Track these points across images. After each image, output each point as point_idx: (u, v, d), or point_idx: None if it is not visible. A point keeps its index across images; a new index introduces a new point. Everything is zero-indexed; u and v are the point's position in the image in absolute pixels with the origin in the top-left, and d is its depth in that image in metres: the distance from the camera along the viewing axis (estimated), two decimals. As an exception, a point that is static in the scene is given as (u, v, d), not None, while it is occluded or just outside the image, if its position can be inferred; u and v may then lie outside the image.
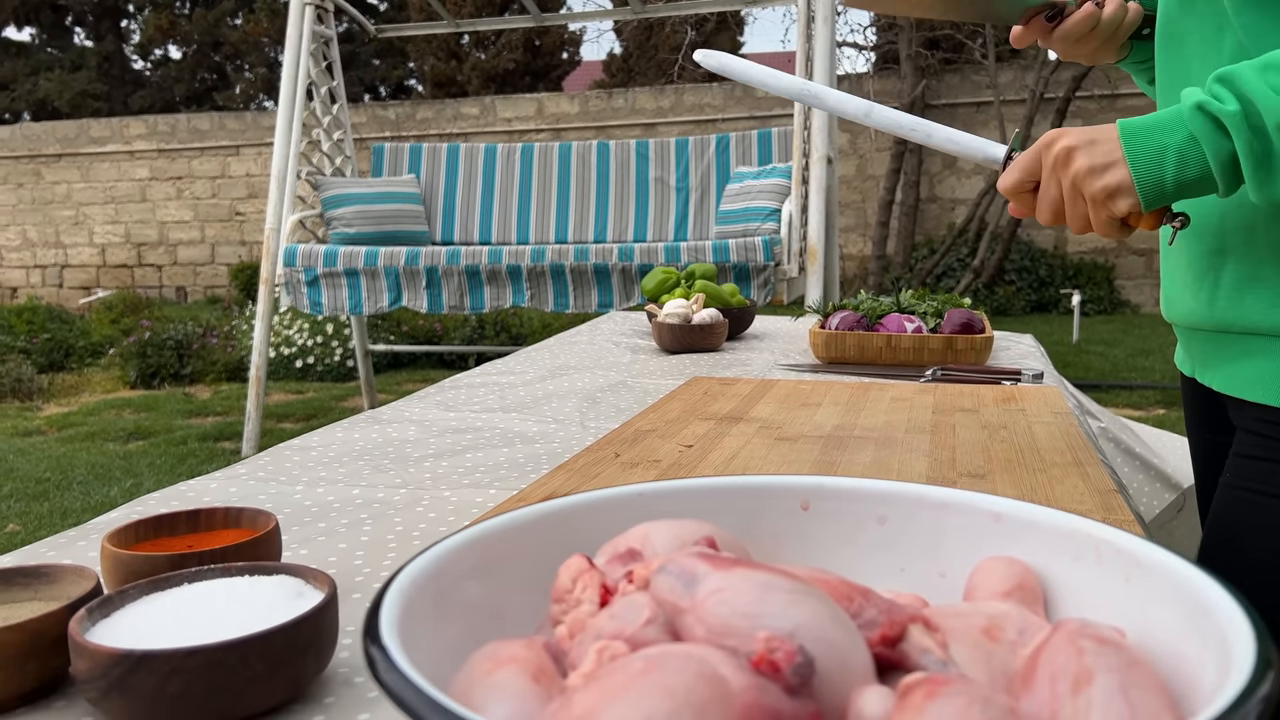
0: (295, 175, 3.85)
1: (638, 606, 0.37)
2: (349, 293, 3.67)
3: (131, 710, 0.45)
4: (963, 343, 1.46)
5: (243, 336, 5.94)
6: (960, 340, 1.46)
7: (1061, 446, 0.91)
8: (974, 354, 1.46)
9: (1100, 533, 0.41)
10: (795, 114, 3.65)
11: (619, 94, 7.53)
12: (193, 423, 4.73)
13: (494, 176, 4.40)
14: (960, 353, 1.46)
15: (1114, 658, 0.33)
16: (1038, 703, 0.33)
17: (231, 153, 8.03)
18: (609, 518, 0.48)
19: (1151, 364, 5.68)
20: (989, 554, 0.46)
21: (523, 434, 1.09)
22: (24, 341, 6.16)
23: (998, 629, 0.39)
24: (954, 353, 1.46)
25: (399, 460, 0.97)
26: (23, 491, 3.55)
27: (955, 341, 1.46)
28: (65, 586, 0.55)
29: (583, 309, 3.56)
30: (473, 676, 0.35)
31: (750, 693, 0.30)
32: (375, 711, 0.48)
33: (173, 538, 0.63)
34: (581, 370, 1.50)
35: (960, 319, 1.50)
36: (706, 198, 4.18)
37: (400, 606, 0.36)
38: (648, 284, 1.89)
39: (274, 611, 0.50)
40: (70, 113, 12.09)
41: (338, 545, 0.73)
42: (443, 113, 7.67)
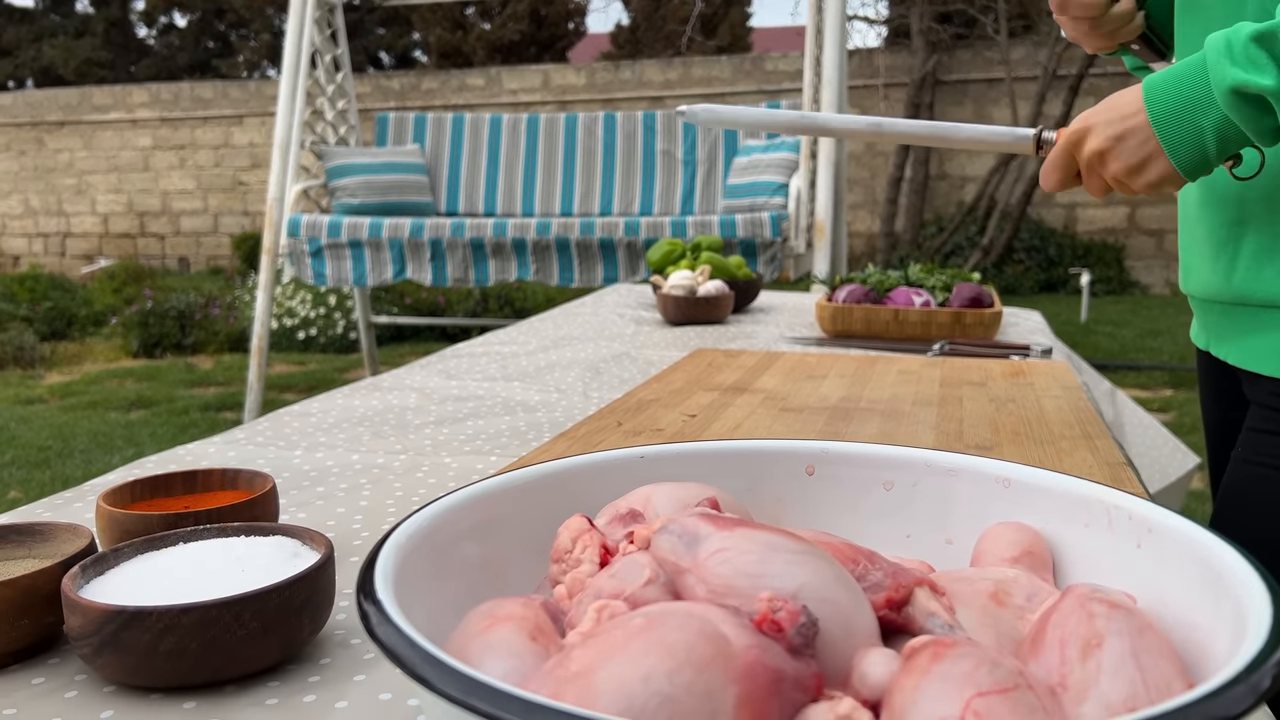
0: (299, 144, 3.83)
1: (638, 566, 0.36)
2: (353, 264, 3.65)
3: (124, 667, 0.45)
4: (971, 317, 1.44)
5: (245, 307, 5.93)
6: (969, 315, 1.44)
7: (1070, 420, 0.90)
8: (982, 328, 1.45)
9: (1112, 498, 0.40)
10: (805, 87, 3.62)
11: (626, 66, 7.47)
12: (194, 393, 4.73)
13: (499, 147, 4.37)
14: (968, 327, 1.45)
15: (1125, 622, 0.32)
16: (1046, 666, 0.32)
17: (235, 122, 7.99)
18: (610, 480, 0.47)
19: (1160, 345, 5.65)
20: (997, 520, 0.45)
21: (525, 402, 1.08)
22: (26, 310, 6.15)
23: (1005, 594, 0.38)
24: (962, 327, 1.45)
25: (399, 427, 0.97)
26: (24, 459, 3.55)
27: (964, 316, 1.44)
28: (60, 545, 0.54)
29: (588, 283, 3.55)
30: (469, 633, 0.34)
31: (752, 652, 0.29)
32: (371, 673, 0.48)
33: (169, 498, 0.62)
34: (585, 341, 1.49)
35: (969, 293, 1.49)
36: (714, 171, 4.15)
37: (396, 562, 0.35)
38: (653, 255, 1.87)
39: (270, 571, 0.49)
40: (74, 80, 12.03)
41: (336, 509, 0.72)
42: (448, 83, 7.62)
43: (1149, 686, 0.30)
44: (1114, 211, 8.39)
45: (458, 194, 4.37)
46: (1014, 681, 0.28)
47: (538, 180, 4.33)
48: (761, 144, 3.88)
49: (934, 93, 8.53)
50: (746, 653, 0.29)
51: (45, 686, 0.47)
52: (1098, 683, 0.30)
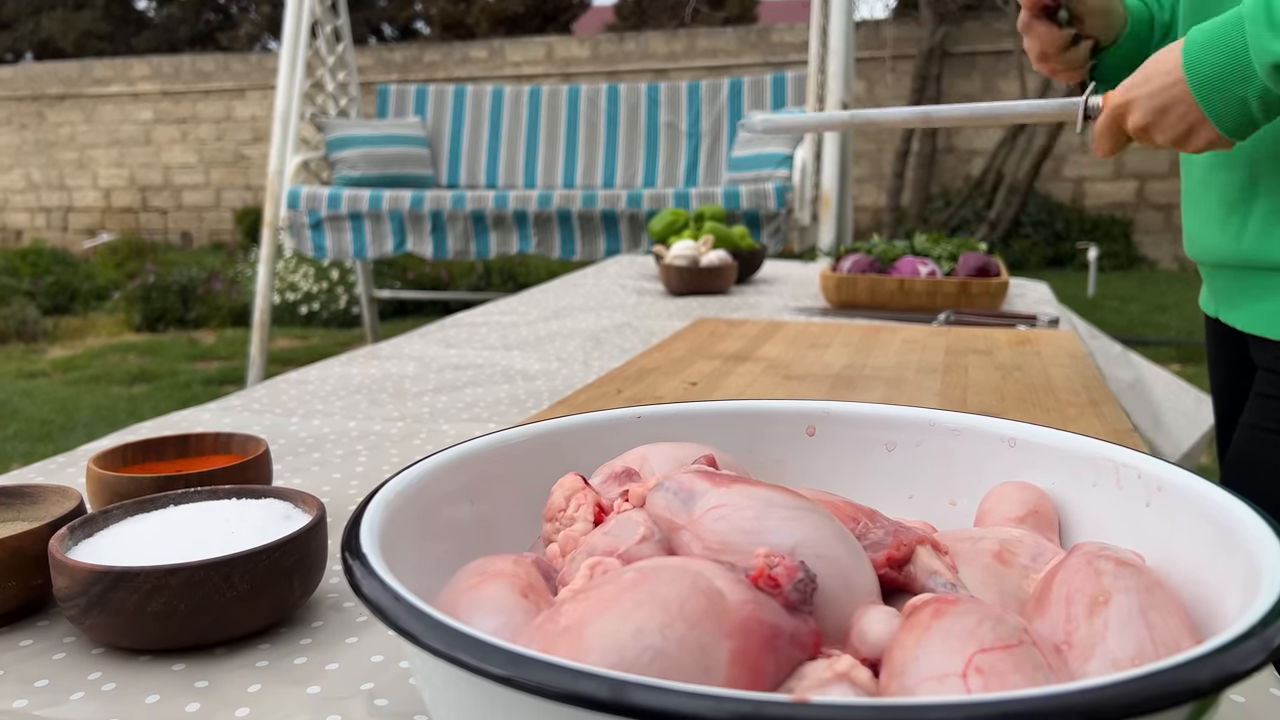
0: (299, 116, 3.80)
1: (633, 523, 0.35)
2: (353, 236, 3.63)
3: (112, 628, 0.44)
4: (977, 287, 1.43)
5: (247, 282, 5.91)
6: (975, 284, 1.43)
7: (1077, 387, 0.89)
8: (989, 298, 1.43)
9: (1121, 456, 0.39)
10: (810, 58, 3.58)
11: (630, 38, 7.41)
12: (197, 367, 4.73)
13: (501, 120, 4.34)
14: (975, 297, 1.43)
15: (1133, 579, 0.31)
16: (1051, 624, 0.31)
17: (236, 95, 7.94)
18: (606, 440, 0.46)
19: (1168, 320, 5.63)
20: (1002, 481, 0.44)
21: (524, 371, 1.07)
22: (29, 284, 6.15)
23: (1010, 554, 0.37)
24: (968, 297, 1.43)
25: (397, 395, 0.96)
26: (27, 433, 3.56)
27: (970, 285, 1.43)
28: (49, 507, 0.53)
29: (590, 256, 3.53)
30: (458, 590, 0.33)
31: (748, 607, 0.28)
32: (364, 635, 0.47)
33: (161, 462, 0.61)
34: (586, 311, 1.48)
35: (975, 263, 1.47)
36: (718, 143, 4.12)
37: (384, 519, 0.34)
38: (655, 225, 1.86)
39: (260, 533, 0.48)
40: (74, 53, 11.97)
41: (332, 475, 0.71)
42: (450, 56, 7.57)
43: (1157, 644, 0.29)
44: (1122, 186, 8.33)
45: (459, 166, 4.35)
46: (1018, 638, 0.27)
47: (540, 153, 4.30)
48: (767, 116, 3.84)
49: (942, 64, 8.45)
50: (742, 608, 0.28)
51: (33, 649, 0.46)
52: (1104, 640, 0.29)
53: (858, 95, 8.07)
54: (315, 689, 0.42)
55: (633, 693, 0.21)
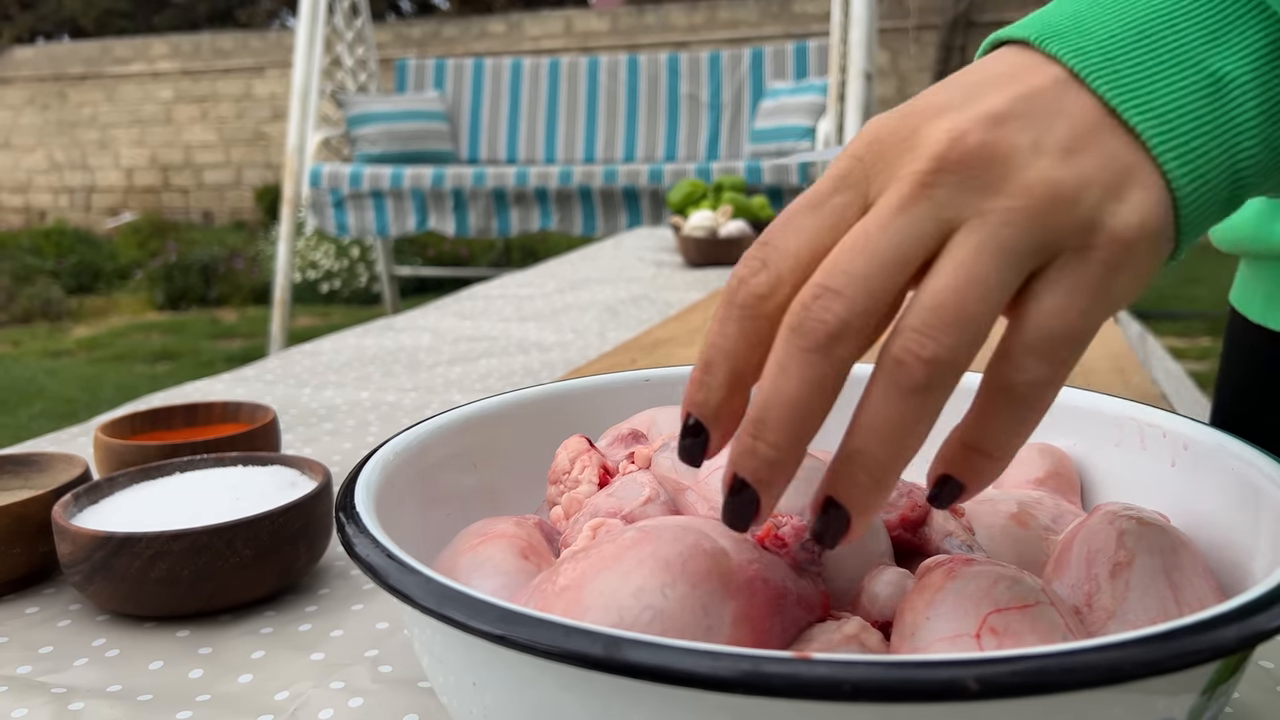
0: (318, 92, 3.80)
1: (638, 485, 0.34)
2: (375, 214, 3.63)
3: (116, 593, 0.43)
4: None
5: (268, 260, 5.93)
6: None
7: (1102, 354, 0.87)
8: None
9: (1144, 415, 0.38)
10: (833, 29, 3.53)
11: (650, 10, 7.35)
12: (219, 345, 4.76)
13: (520, 93, 4.31)
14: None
15: (1157, 540, 0.30)
16: (1071, 586, 0.30)
17: (256, 73, 7.95)
18: (613, 402, 0.45)
19: (1199, 293, 5.55)
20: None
21: (539, 343, 1.06)
22: (53, 264, 6.20)
23: (1029, 516, 0.36)
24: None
25: (411, 366, 0.95)
26: (53, 411, 3.59)
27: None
28: (55, 474, 0.53)
29: (611, 232, 3.51)
30: (458, 551, 0.32)
31: (753, 567, 0.27)
32: (369, 602, 0.46)
33: (169, 431, 0.61)
34: (603, 283, 1.47)
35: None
36: (739, 115, 4.08)
37: (381, 480, 0.33)
38: (674, 196, 1.84)
39: (265, 499, 0.48)
40: (95, 31, 12.01)
41: (342, 444, 0.71)
42: (468, 30, 7.54)
43: (1182, 606, 0.28)
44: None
45: (479, 141, 4.33)
46: (1034, 598, 0.26)
47: (560, 126, 4.28)
48: (789, 86, 3.80)
49: (967, 34, 8.33)
50: (747, 568, 0.27)
51: (39, 615, 0.46)
52: (1126, 602, 0.28)
53: (881, 66, 7.98)
54: (319, 655, 0.41)
55: (628, 650, 0.21)
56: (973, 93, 0.26)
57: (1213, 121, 0.26)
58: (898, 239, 0.24)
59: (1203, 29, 0.27)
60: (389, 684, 0.39)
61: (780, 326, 0.25)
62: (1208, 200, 0.26)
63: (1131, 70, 0.26)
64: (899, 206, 0.25)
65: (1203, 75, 0.26)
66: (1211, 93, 0.26)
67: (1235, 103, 0.26)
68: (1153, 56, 0.26)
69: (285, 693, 0.38)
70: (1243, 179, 0.26)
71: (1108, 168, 0.25)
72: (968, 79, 0.27)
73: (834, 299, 0.24)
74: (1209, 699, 0.24)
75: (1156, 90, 0.26)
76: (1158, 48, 0.27)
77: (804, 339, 0.24)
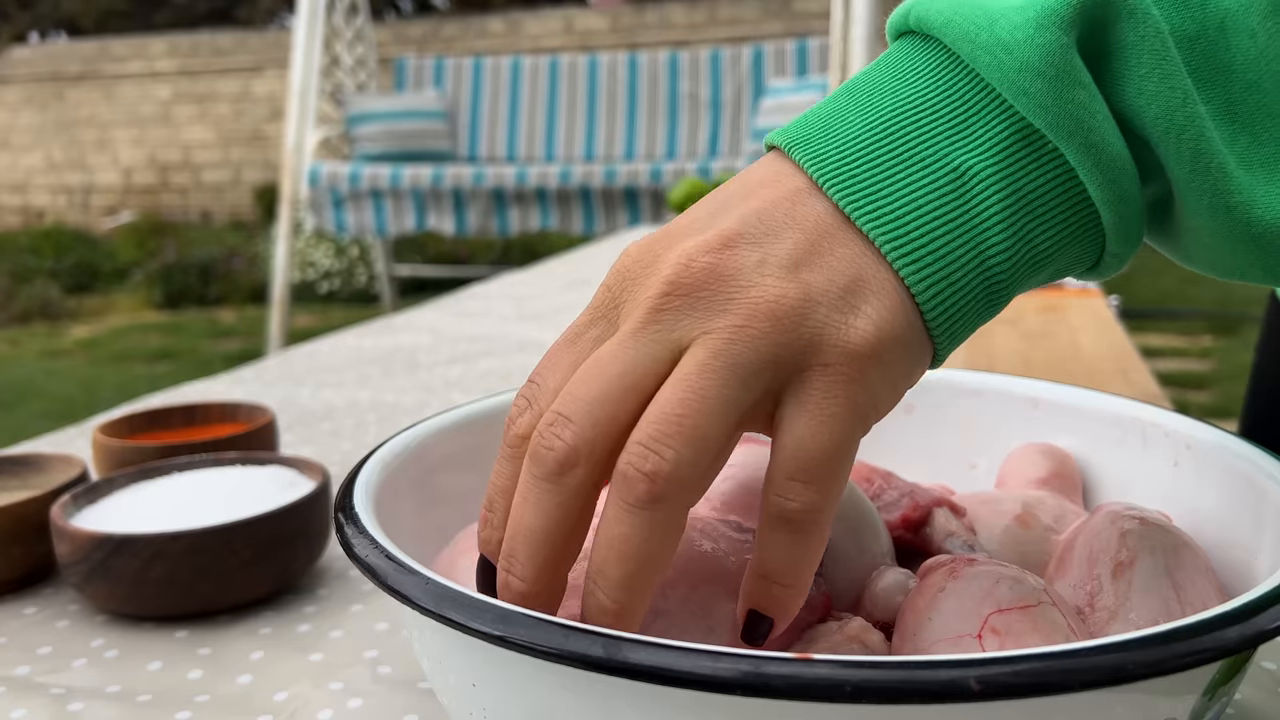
0: (316, 91, 3.79)
1: (637, 485, 0.34)
2: (373, 214, 3.63)
3: (115, 595, 0.43)
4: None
5: (266, 260, 5.93)
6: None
7: (1105, 354, 0.87)
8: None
9: (1147, 414, 0.38)
10: (833, 27, 3.53)
11: (650, 8, 7.35)
12: (218, 345, 4.75)
13: (520, 92, 4.31)
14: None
15: (1159, 539, 0.30)
16: (1074, 586, 0.30)
17: (254, 73, 7.94)
18: (614, 402, 0.45)
19: (1200, 292, 5.55)
20: (1024, 442, 0.42)
21: (539, 342, 1.06)
22: (51, 264, 6.19)
23: (1031, 516, 0.36)
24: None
25: (410, 366, 0.95)
26: (52, 411, 3.59)
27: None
28: (53, 475, 0.53)
29: (611, 231, 3.51)
30: (456, 552, 0.32)
31: (754, 567, 0.27)
32: (369, 603, 0.46)
33: (167, 431, 0.61)
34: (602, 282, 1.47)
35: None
36: (740, 113, 4.07)
37: (380, 481, 0.33)
38: (674, 195, 1.84)
39: (264, 500, 0.47)
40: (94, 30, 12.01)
41: (341, 445, 0.71)
42: (468, 29, 7.53)
43: (1185, 605, 0.28)
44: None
45: (478, 140, 4.33)
46: (1037, 598, 0.26)
47: (559, 125, 4.28)
48: (790, 84, 3.80)
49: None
50: (745, 567, 0.27)
51: (38, 616, 0.46)
52: (1129, 601, 0.28)
53: (878, 66, 7.91)
54: (318, 656, 0.41)
55: (628, 650, 0.20)
56: (718, 212, 0.26)
57: (957, 220, 0.25)
58: (627, 363, 0.24)
59: (946, 122, 0.25)
60: (388, 685, 0.39)
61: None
62: (958, 301, 0.25)
63: (868, 173, 0.25)
64: (631, 332, 0.25)
65: (945, 170, 0.25)
66: (954, 188, 0.25)
67: (979, 196, 0.25)
68: (893, 156, 0.25)
69: (284, 693, 0.38)
70: (995, 276, 0.25)
71: (836, 280, 0.24)
72: (721, 195, 0.27)
73: (563, 426, 0.24)
74: (1211, 699, 0.24)
75: (893, 191, 0.25)
76: (899, 146, 0.25)
77: (537, 467, 0.24)
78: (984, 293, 0.25)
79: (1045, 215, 0.25)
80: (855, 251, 0.25)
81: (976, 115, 0.25)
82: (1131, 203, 0.25)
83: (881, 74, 0.27)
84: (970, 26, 0.25)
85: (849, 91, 0.27)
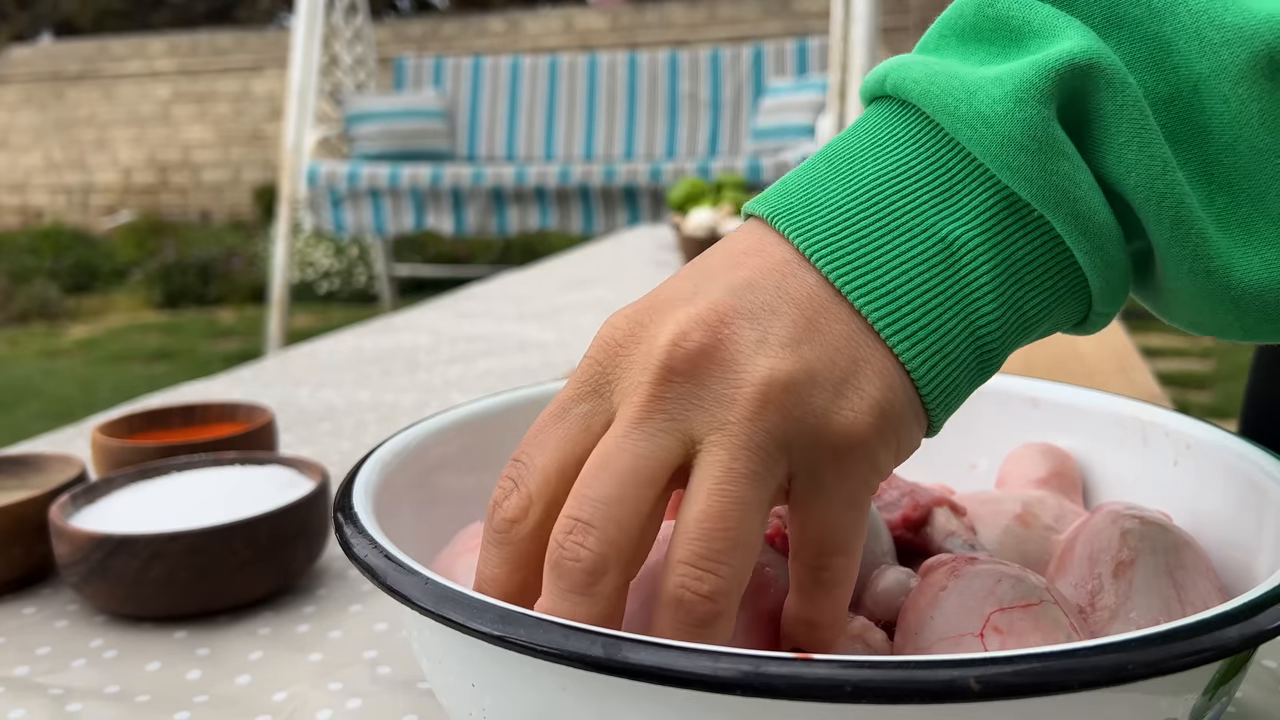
0: (316, 91, 3.79)
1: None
2: (372, 213, 3.63)
3: (114, 595, 0.43)
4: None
5: (266, 260, 5.93)
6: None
7: (1105, 354, 0.87)
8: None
9: (1147, 414, 0.38)
10: (833, 26, 3.53)
11: (650, 8, 7.34)
12: (217, 345, 4.75)
13: (519, 91, 4.31)
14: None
15: (1159, 538, 0.30)
16: (1074, 585, 0.30)
17: (254, 72, 7.94)
18: (613, 402, 0.45)
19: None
20: (1024, 442, 0.42)
21: (539, 342, 1.06)
22: (50, 264, 6.19)
23: (1032, 515, 0.36)
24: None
25: (410, 366, 0.95)
26: (50, 411, 3.59)
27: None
28: (52, 475, 0.53)
29: (610, 231, 3.51)
30: (455, 552, 0.32)
31: (766, 570, 0.27)
32: (368, 604, 0.46)
33: (166, 431, 0.61)
34: (602, 282, 1.47)
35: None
36: (740, 113, 4.08)
37: (379, 481, 0.33)
38: (674, 195, 1.84)
39: (263, 500, 0.47)
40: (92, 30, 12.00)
41: (341, 445, 0.71)
42: (468, 28, 7.53)
43: (1185, 604, 0.28)
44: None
45: (477, 139, 4.33)
46: (1038, 597, 0.26)
47: (559, 124, 4.28)
48: (789, 84, 3.80)
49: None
50: (758, 570, 0.27)
51: (37, 616, 0.46)
52: (1130, 600, 0.28)
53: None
54: (317, 656, 0.41)
55: (628, 650, 0.20)
56: (703, 282, 0.25)
57: (947, 291, 0.24)
58: (638, 457, 0.23)
59: (931, 192, 0.25)
60: (387, 685, 0.39)
61: (544, 560, 0.24)
62: (951, 373, 0.25)
63: (856, 244, 0.25)
64: (634, 421, 0.24)
65: (933, 241, 0.24)
66: (943, 259, 0.24)
67: (968, 267, 0.24)
68: (880, 226, 0.25)
69: (283, 694, 0.38)
70: (987, 345, 0.25)
71: (837, 361, 0.24)
72: (705, 263, 0.26)
73: (585, 534, 0.23)
74: (1211, 698, 0.24)
75: (883, 264, 0.24)
76: (885, 216, 0.25)
77: (564, 580, 0.23)
78: (976, 362, 0.25)
79: (1034, 282, 0.25)
80: (851, 329, 0.24)
81: (961, 184, 0.25)
82: (1118, 267, 0.25)
83: (860, 140, 0.26)
84: (948, 99, 0.25)
85: (828, 159, 0.26)
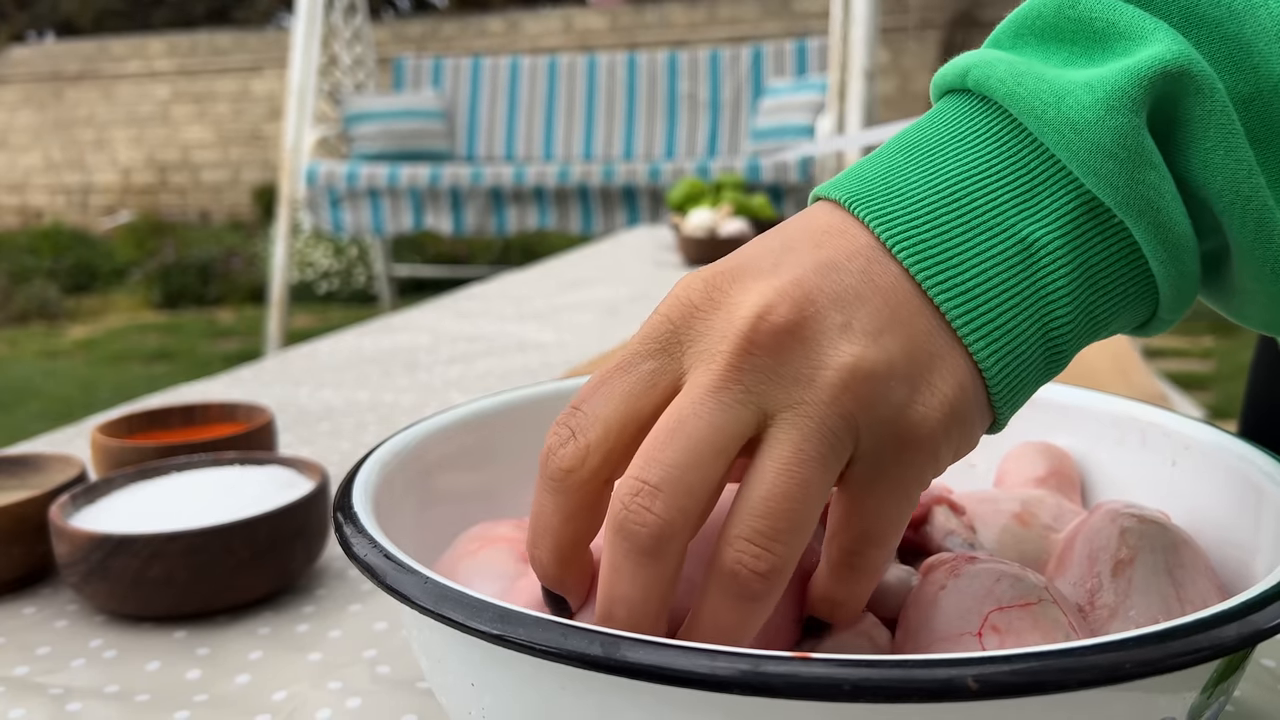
0: (315, 91, 3.79)
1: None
2: (371, 213, 3.63)
3: (113, 595, 0.43)
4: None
5: (265, 260, 5.93)
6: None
7: (1105, 355, 0.87)
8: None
9: (1145, 414, 0.38)
10: (833, 26, 3.53)
11: (650, 8, 7.35)
12: (217, 345, 4.75)
13: (518, 91, 4.31)
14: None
15: (1158, 537, 0.30)
16: (1073, 584, 0.30)
17: (253, 72, 7.94)
18: (612, 402, 0.45)
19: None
20: (1022, 441, 0.42)
21: (538, 342, 1.06)
22: (49, 264, 6.19)
23: (1031, 514, 0.36)
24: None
25: (409, 366, 0.95)
26: (49, 412, 3.59)
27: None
28: (52, 475, 0.53)
29: (610, 231, 3.51)
30: (457, 554, 0.32)
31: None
32: (367, 603, 0.46)
33: (166, 431, 0.61)
34: (601, 282, 1.47)
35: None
36: (739, 114, 4.08)
37: (379, 480, 0.33)
38: (673, 195, 1.84)
39: (262, 500, 0.47)
40: (91, 30, 12.00)
41: (340, 445, 0.71)
42: (467, 29, 7.53)
43: (1184, 603, 0.28)
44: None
45: (476, 139, 4.33)
46: (1037, 596, 0.26)
47: (558, 124, 4.28)
48: (789, 84, 3.80)
49: (968, 33, 8.33)
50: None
51: (36, 616, 0.46)
52: (1129, 598, 0.28)
53: (882, 65, 7.95)
54: (317, 656, 0.41)
55: (627, 649, 0.20)
56: (784, 255, 0.25)
57: (1024, 292, 0.24)
58: (713, 426, 0.23)
59: (1012, 192, 0.25)
60: (387, 685, 0.39)
61: (597, 509, 0.25)
62: (1021, 373, 0.25)
63: (938, 239, 0.25)
64: (711, 388, 0.24)
65: (1013, 242, 0.25)
66: (1022, 261, 0.25)
67: (1046, 269, 0.25)
68: (961, 222, 0.25)
69: (283, 693, 0.38)
70: (1057, 346, 0.25)
71: (915, 355, 0.24)
72: (783, 235, 0.26)
73: (653, 498, 0.23)
74: (1210, 697, 0.24)
75: (963, 262, 0.24)
76: (966, 213, 0.25)
77: (630, 542, 0.23)
78: (1044, 362, 0.25)
79: (1107, 287, 0.25)
80: (930, 325, 0.24)
81: (1043, 186, 0.25)
82: (1190, 277, 0.26)
83: (938, 132, 0.26)
84: (1035, 101, 0.25)
85: (904, 149, 0.26)
